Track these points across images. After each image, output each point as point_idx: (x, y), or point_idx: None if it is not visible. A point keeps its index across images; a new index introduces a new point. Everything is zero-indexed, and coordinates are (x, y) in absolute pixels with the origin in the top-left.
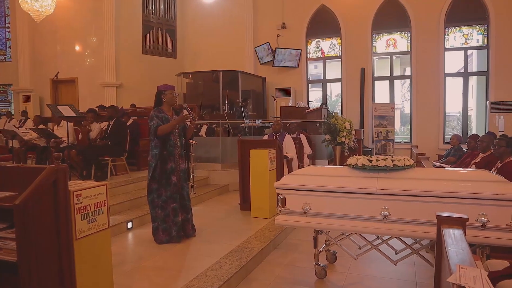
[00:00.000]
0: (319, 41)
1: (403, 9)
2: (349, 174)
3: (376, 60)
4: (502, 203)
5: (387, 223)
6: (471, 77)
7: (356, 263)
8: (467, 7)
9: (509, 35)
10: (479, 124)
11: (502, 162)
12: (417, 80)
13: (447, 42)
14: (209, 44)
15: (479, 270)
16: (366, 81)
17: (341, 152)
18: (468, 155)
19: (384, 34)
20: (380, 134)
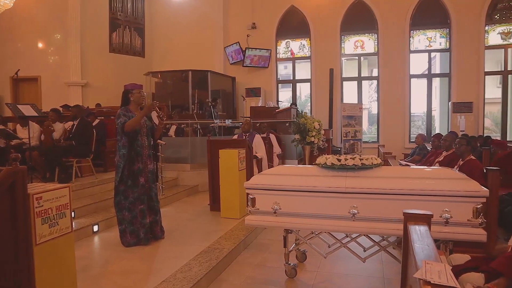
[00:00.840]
0: (288, 42)
1: (370, 12)
2: (318, 173)
3: (345, 61)
4: (464, 199)
5: (356, 221)
6: (434, 79)
7: (325, 261)
8: (430, 12)
9: (468, 39)
10: (442, 124)
11: (463, 160)
12: (383, 81)
13: (412, 44)
14: (179, 43)
15: (443, 265)
16: (335, 82)
17: (311, 151)
18: (432, 153)
19: (352, 36)
20: (349, 134)
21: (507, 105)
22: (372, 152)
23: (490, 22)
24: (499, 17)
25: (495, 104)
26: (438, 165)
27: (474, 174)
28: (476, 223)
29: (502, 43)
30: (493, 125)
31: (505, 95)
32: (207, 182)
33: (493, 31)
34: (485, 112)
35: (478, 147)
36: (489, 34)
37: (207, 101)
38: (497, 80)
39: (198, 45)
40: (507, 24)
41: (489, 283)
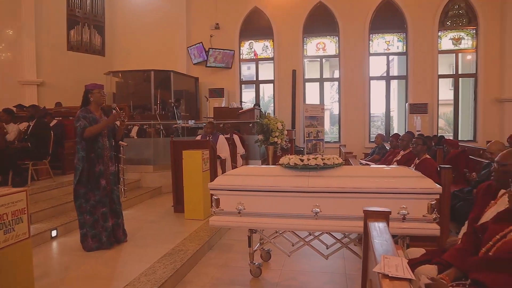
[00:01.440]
0: (252, 43)
1: (332, 15)
2: (282, 173)
3: (307, 62)
4: (419, 196)
5: (318, 220)
6: (392, 81)
7: (289, 259)
8: (388, 17)
9: (423, 44)
10: (400, 124)
11: (419, 159)
12: (344, 83)
13: (371, 47)
14: (141, 42)
15: (401, 259)
16: (298, 83)
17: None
18: (391, 153)
19: (314, 38)
20: (311, 134)
21: (459, 107)
22: (334, 151)
23: (442, 28)
24: (450, 23)
25: (448, 106)
26: (396, 164)
27: (429, 172)
28: (431, 219)
29: (454, 48)
30: (447, 125)
31: (456, 97)
32: (170, 184)
33: (445, 36)
34: (439, 113)
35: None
36: (442, 40)
37: (170, 102)
38: (449, 83)
39: (161, 45)
40: (457, 31)
41: (441, 274)
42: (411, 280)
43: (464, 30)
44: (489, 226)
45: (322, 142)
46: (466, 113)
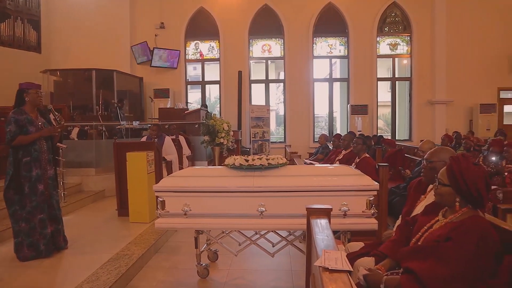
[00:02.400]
0: (198, 43)
1: (277, 18)
2: (227, 173)
3: (253, 64)
4: (359, 193)
5: (264, 219)
6: (335, 83)
7: (237, 259)
8: (331, 21)
9: (363, 48)
10: (342, 125)
11: (359, 158)
12: (289, 84)
13: (315, 50)
14: (81, 39)
15: (340, 252)
16: (243, 84)
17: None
18: (333, 152)
19: (260, 40)
20: (257, 135)
21: (396, 108)
22: (280, 152)
23: (381, 34)
24: (388, 30)
25: (386, 107)
26: (338, 163)
27: (368, 170)
28: (369, 214)
29: (391, 53)
30: (385, 126)
31: (393, 99)
32: (114, 187)
33: (383, 42)
34: (378, 114)
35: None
36: (380, 45)
37: (112, 102)
38: (387, 86)
39: (103, 43)
40: (394, 37)
41: (378, 265)
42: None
43: (400, 36)
44: (419, 219)
45: (268, 143)
46: (402, 114)
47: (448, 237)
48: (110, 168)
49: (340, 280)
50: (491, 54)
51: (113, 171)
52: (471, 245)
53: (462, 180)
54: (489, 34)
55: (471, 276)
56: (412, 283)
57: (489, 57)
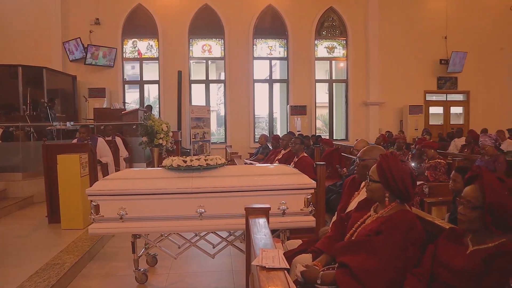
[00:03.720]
0: (136, 41)
1: (217, 18)
2: (165, 175)
3: (193, 63)
4: (297, 191)
5: (203, 220)
6: (275, 84)
7: (177, 262)
8: (271, 23)
9: (302, 50)
10: (282, 125)
11: (298, 157)
12: (230, 85)
13: (255, 51)
14: (5, 33)
15: (277, 251)
16: (183, 84)
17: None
18: (273, 152)
19: (200, 40)
20: (198, 135)
21: (333, 109)
22: (220, 152)
23: (319, 37)
24: (325, 33)
25: (324, 108)
26: (278, 162)
27: (306, 169)
28: (307, 211)
29: (328, 56)
30: (324, 126)
31: (331, 100)
32: (44, 192)
33: (321, 45)
34: (316, 114)
35: (311, 145)
36: (318, 48)
37: (42, 102)
38: (325, 87)
39: (31, 38)
40: (331, 40)
41: (315, 261)
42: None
43: (337, 40)
44: (352, 214)
45: (208, 143)
46: (339, 115)
47: (378, 231)
48: (40, 172)
49: (277, 278)
50: (418, 59)
51: (42, 175)
52: (399, 237)
53: (390, 176)
54: (416, 42)
55: (399, 266)
56: (347, 277)
57: (416, 62)
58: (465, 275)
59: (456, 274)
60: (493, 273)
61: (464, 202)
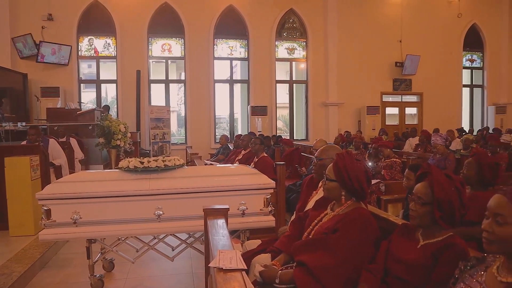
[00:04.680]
0: (92, 39)
1: (177, 17)
2: (121, 177)
3: (153, 63)
4: (256, 192)
5: (162, 222)
6: (236, 84)
7: (134, 266)
8: (232, 23)
9: (263, 51)
10: (243, 125)
11: (258, 157)
12: (190, 85)
13: (216, 51)
14: None
15: (235, 252)
16: (142, 84)
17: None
18: (233, 152)
19: (160, 39)
20: (157, 136)
21: (293, 109)
22: (181, 153)
23: (279, 38)
24: (286, 35)
25: (285, 108)
26: (238, 163)
27: (266, 169)
28: (267, 211)
29: (288, 57)
30: (285, 126)
31: (291, 101)
32: None
33: (282, 46)
34: (277, 115)
35: (271, 145)
36: (279, 49)
37: None
38: (286, 88)
39: None
40: (291, 42)
41: (274, 260)
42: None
43: (297, 41)
44: (310, 213)
45: (168, 144)
46: (299, 115)
47: (335, 228)
48: None
49: (234, 279)
50: (375, 62)
51: None
52: (355, 234)
53: (346, 175)
54: (373, 45)
55: (355, 262)
56: (304, 275)
57: (373, 64)
58: (416, 269)
59: (408, 268)
60: (442, 266)
61: (415, 198)
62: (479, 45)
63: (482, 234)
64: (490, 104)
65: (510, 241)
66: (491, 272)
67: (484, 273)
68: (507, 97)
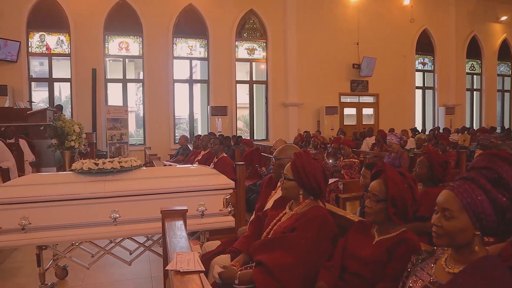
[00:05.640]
0: (43, 35)
1: (135, 14)
2: (75, 179)
3: (110, 62)
4: (215, 192)
5: (118, 225)
6: (196, 84)
7: (90, 272)
8: (192, 22)
9: (223, 51)
10: (203, 126)
11: (217, 157)
12: (149, 85)
13: (175, 51)
14: None
15: (193, 253)
16: (98, 83)
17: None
18: (193, 153)
19: (117, 37)
20: (114, 137)
21: (253, 110)
22: (139, 154)
23: (239, 38)
24: (246, 35)
25: (245, 109)
26: (198, 163)
27: (226, 169)
28: (226, 212)
29: (248, 57)
30: (245, 126)
31: (251, 101)
32: None
33: (242, 46)
34: (237, 115)
35: (232, 145)
36: (239, 49)
37: None
38: (246, 88)
39: None
40: (251, 42)
41: (233, 261)
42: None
43: (257, 42)
44: (269, 213)
45: (126, 145)
46: (260, 116)
47: (293, 227)
48: None
49: (192, 281)
50: (333, 63)
51: None
52: (313, 233)
53: (304, 174)
54: (332, 47)
55: (313, 260)
56: (263, 275)
57: (332, 66)
58: (372, 264)
59: (364, 264)
60: (395, 260)
61: (370, 196)
62: (430, 49)
63: (432, 228)
64: (441, 105)
65: (457, 234)
66: (440, 264)
67: (434, 266)
68: (455, 98)
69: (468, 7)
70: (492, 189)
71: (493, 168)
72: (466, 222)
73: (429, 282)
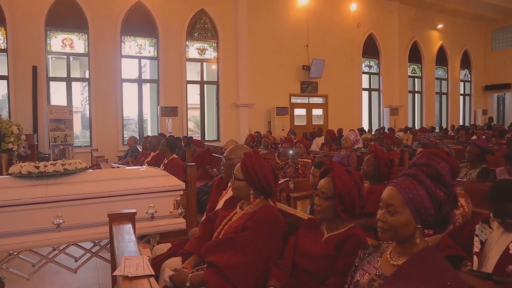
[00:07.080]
0: None
1: (80, 10)
2: (12, 184)
3: (52, 59)
4: (166, 194)
5: (62, 231)
6: (145, 84)
7: (31, 283)
8: (141, 20)
9: (173, 50)
10: (153, 127)
11: (167, 159)
12: (95, 84)
13: (123, 49)
14: None
15: (142, 257)
16: (40, 81)
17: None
18: (142, 154)
19: (60, 33)
20: (58, 139)
21: (205, 110)
22: (86, 156)
23: (190, 38)
24: (197, 35)
25: (196, 109)
26: (147, 165)
27: (176, 170)
28: (177, 214)
29: (199, 57)
30: (196, 127)
31: (202, 102)
32: None
33: (193, 46)
34: (188, 115)
35: (182, 146)
36: (190, 49)
37: None
38: (197, 89)
39: None
40: (202, 42)
41: (184, 263)
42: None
43: (208, 42)
44: (220, 213)
45: (71, 147)
46: (211, 116)
47: (244, 227)
48: None
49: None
50: (284, 65)
51: None
52: (263, 232)
53: (254, 173)
54: (282, 48)
55: (265, 259)
56: (215, 276)
57: (282, 67)
58: (322, 260)
59: (313, 260)
60: (344, 255)
61: (319, 193)
62: (376, 53)
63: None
64: (386, 106)
65: (400, 228)
66: (385, 257)
67: (379, 259)
68: (398, 100)
69: (409, 14)
70: (431, 184)
71: (432, 165)
72: (409, 216)
73: (375, 275)
